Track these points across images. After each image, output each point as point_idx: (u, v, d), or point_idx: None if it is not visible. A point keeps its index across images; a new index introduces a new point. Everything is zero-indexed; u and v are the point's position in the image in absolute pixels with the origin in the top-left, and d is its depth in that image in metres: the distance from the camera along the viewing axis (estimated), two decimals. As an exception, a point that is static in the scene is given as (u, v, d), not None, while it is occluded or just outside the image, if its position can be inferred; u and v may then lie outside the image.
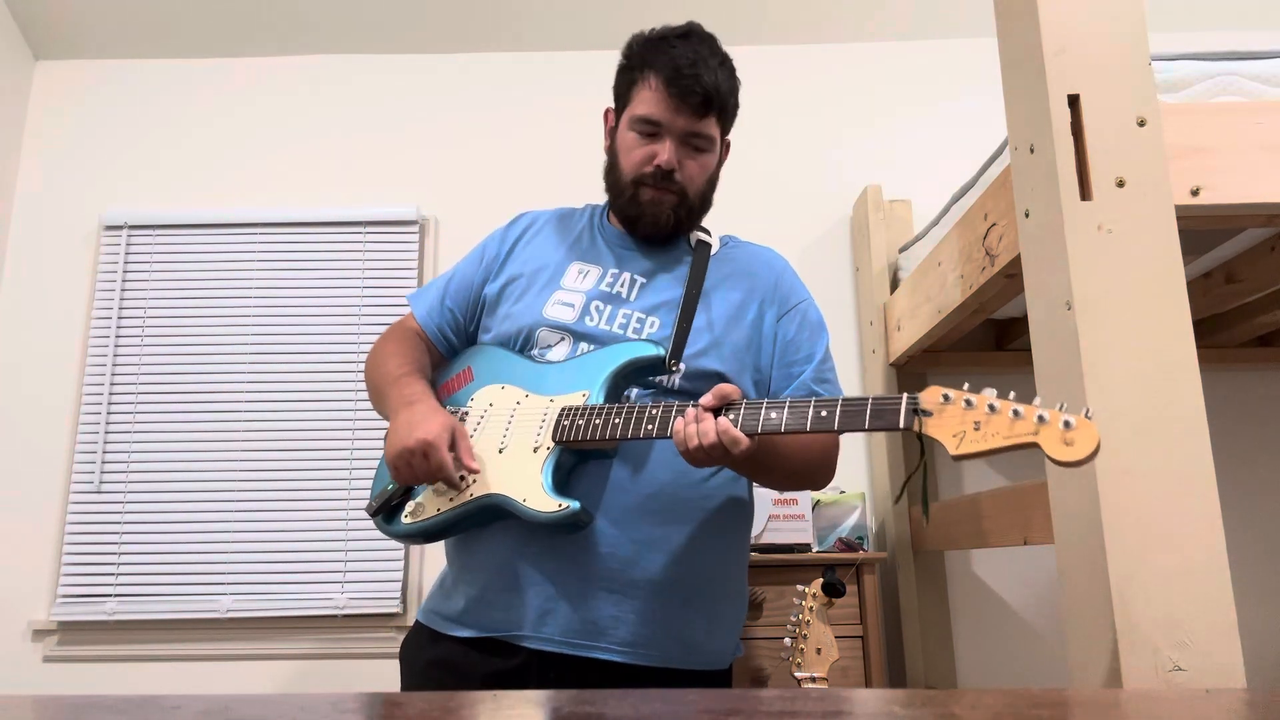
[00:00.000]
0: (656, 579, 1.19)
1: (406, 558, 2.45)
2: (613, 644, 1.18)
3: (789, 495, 2.08)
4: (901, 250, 2.50)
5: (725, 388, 1.10)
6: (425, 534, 1.25)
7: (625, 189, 1.34)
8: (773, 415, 1.07)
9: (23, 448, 2.51)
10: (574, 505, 1.12)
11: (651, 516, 1.21)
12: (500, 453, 1.21)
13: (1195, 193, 1.31)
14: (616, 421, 1.14)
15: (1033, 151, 1.27)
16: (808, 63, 2.80)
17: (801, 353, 1.33)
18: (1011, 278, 1.63)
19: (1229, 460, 2.36)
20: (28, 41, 2.75)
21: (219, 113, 2.77)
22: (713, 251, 1.39)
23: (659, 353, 1.22)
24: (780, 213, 2.64)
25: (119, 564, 2.42)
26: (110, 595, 2.40)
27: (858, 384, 2.56)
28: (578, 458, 1.21)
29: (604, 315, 1.30)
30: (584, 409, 1.18)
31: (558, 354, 1.28)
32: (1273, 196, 1.33)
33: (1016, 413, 0.91)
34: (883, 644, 2.01)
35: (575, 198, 1.53)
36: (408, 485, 1.22)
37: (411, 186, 2.70)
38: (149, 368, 2.55)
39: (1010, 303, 1.89)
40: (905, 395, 0.99)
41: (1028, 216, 1.30)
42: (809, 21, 2.76)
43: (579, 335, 1.28)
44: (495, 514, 1.20)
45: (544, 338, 1.30)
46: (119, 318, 2.57)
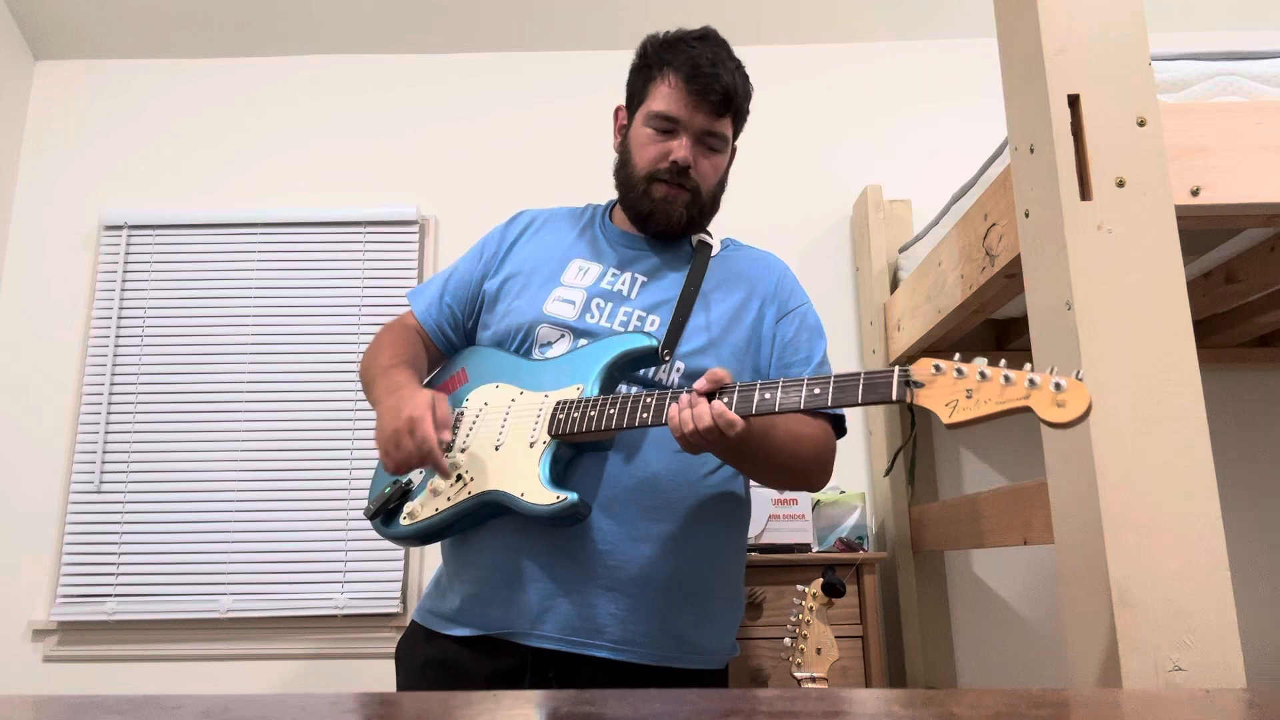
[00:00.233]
0: (653, 575, 1.20)
1: (406, 558, 2.45)
2: (609, 641, 1.18)
3: (789, 495, 2.08)
4: (901, 250, 2.49)
5: (718, 372, 1.10)
6: (423, 535, 1.25)
7: (638, 184, 1.33)
8: (766, 395, 1.07)
9: (23, 448, 2.51)
10: (572, 497, 1.12)
11: (648, 511, 1.21)
12: (497, 450, 1.21)
13: (1195, 193, 1.31)
14: (611, 412, 1.14)
15: (1033, 151, 1.27)
16: (807, 63, 2.80)
17: (800, 354, 1.34)
18: (1011, 278, 1.62)
19: (1229, 460, 2.38)
20: (27, 41, 2.75)
21: (219, 113, 2.76)
22: (713, 253, 1.39)
23: (652, 343, 1.22)
24: (780, 212, 2.64)
25: (119, 564, 2.42)
26: (110, 595, 2.40)
27: (858, 384, 2.55)
28: (574, 452, 1.21)
29: (605, 313, 1.30)
30: (579, 402, 1.18)
31: (556, 351, 1.28)
32: (1273, 196, 1.33)
33: (1008, 378, 0.91)
34: (883, 644, 2.01)
35: (575, 198, 1.53)
36: (400, 474, 1.21)
37: (411, 186, 2.70)
38: (149, 368, 2.55)
39: (1010, 303, 1.89)
40: (897, 368, 0.99)
41: (1028, 216, 1.30)
42: (809, 21, 2.76)
43: (579, 332, 1.28)
44: (493, 511, 1.20)
45: (544, 334, 1.30)
46: (119, 318, 2.57)
